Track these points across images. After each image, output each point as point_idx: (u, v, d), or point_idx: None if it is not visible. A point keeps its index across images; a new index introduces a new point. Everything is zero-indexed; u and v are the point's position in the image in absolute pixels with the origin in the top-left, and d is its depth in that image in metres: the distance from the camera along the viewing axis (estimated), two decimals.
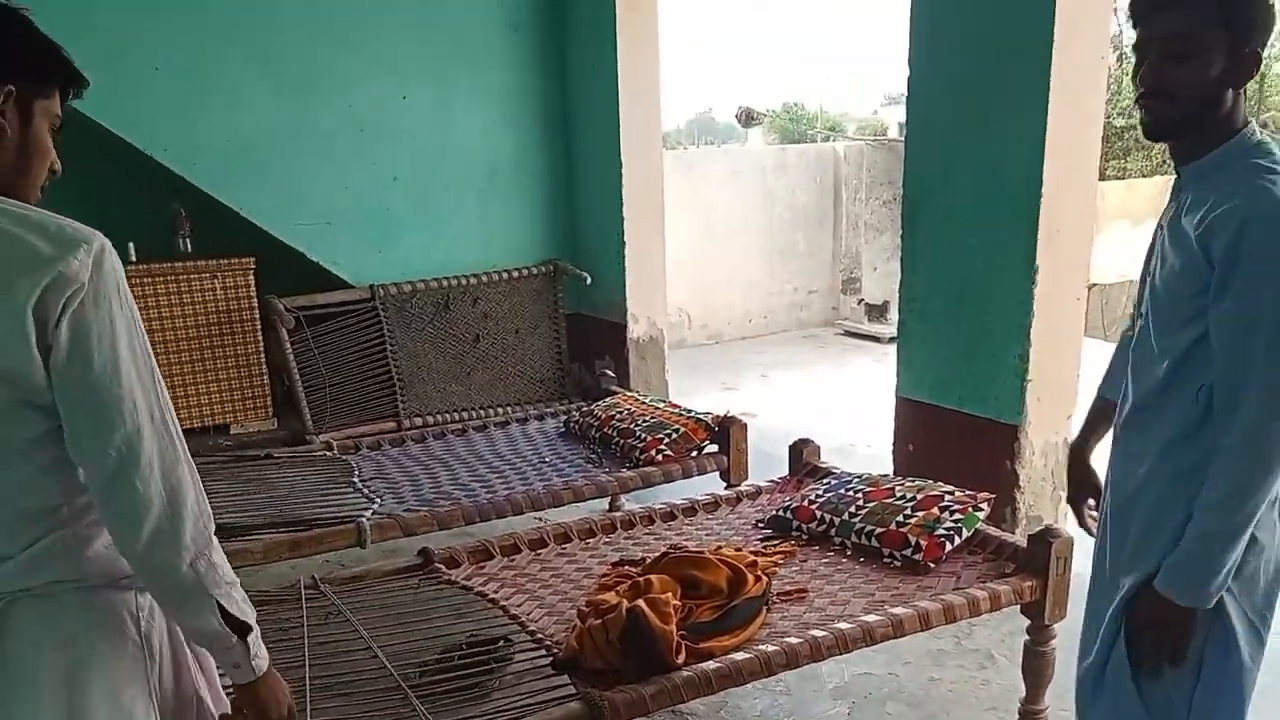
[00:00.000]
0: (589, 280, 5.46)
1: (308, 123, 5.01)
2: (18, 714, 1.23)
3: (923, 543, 2.44)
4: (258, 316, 5.28)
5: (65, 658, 1.25)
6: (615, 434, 3.64)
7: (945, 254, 3.47)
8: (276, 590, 2.55)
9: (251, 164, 4.94)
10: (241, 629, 1.33)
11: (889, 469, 3.85)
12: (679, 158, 8.36)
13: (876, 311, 8.20)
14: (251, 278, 5.21)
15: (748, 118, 8.57)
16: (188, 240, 5.24)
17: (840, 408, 6.04)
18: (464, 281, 5.38)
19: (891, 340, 7.80)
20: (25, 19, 1.33)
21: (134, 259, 5.06)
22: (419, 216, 5.36)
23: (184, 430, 1.41)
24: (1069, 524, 3.45)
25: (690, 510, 3.02)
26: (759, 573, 2.37)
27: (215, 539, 1.34)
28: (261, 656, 1.38)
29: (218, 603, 1.30)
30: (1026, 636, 2.41)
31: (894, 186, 8.67)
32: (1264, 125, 8.36)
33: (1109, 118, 8.15)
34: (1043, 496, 3.41)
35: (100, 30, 4.50)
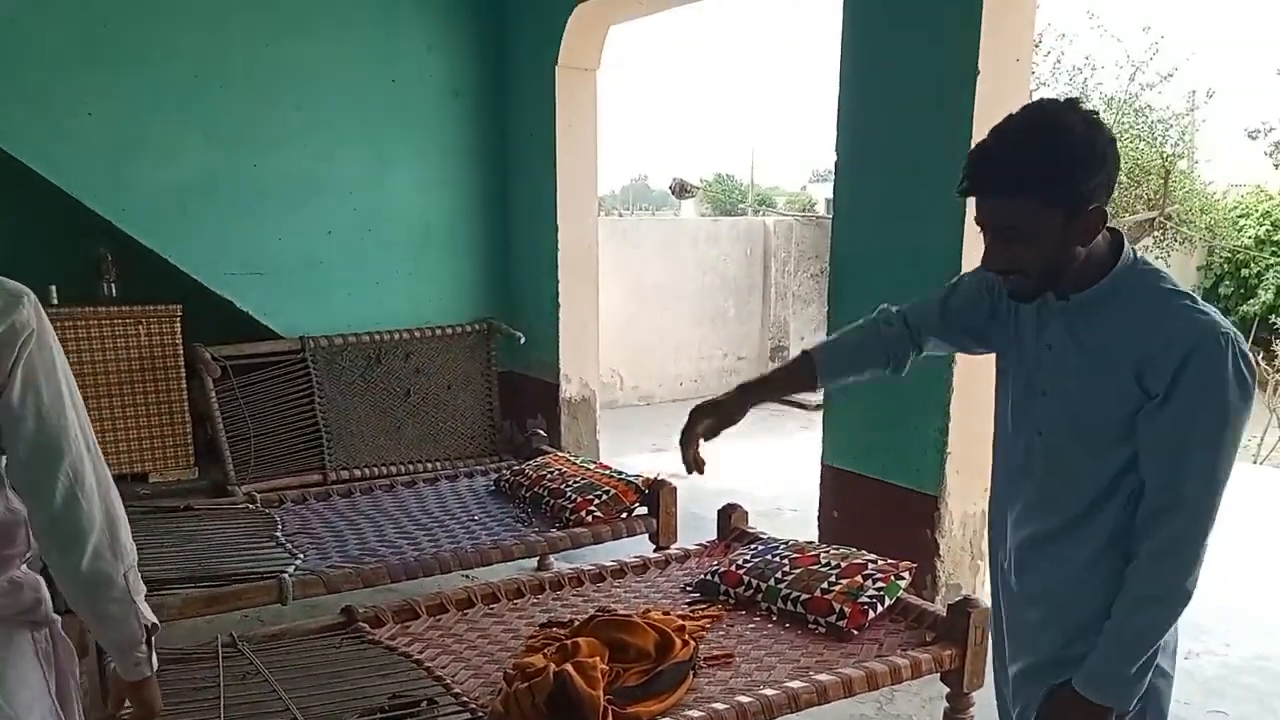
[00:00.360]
0: (522, 340, 5.50)
1: (242, 174, 4.99)
2: None
3: (847, 609, 2.49)
4: (183, 364, 5.18)
5: None
6: (546, 494, 3.65)
7: None
8: (193, 648, 2.48)
9: (182, 212, 4.90)
10: (151, 629, 1.52)
11: (815, 533, 3.93)
12: (614, 224, 8.51)
13: None
14: (178, 325, 5.13)
15: (681, 189, 8.77)
16: (113, 285, 5.14)
17: (768, 472, 6.13)
18: (396, 336, 5.36)
19: (818, 408, 7.95)
20: None
21: (55, 302, 4.95)
22: (353, 270, 5.35)
23: None
24: (985, 594, 3.57)
25: (619, 572, 3.03)
26: (686, 637, 2.39)
27: None
28: (154, 656, 1.56)
29: (139, 608, 1.48)
30: (945, 704, 2.47)
31: (821, 260, 8.94)
32: (1169, 218, 8.85)
33: None
34: (961, 565, 3.50)
35: (34, 72, 4.45)
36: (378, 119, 5.28)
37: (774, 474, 6.07)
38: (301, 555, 3.19)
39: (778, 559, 2.79)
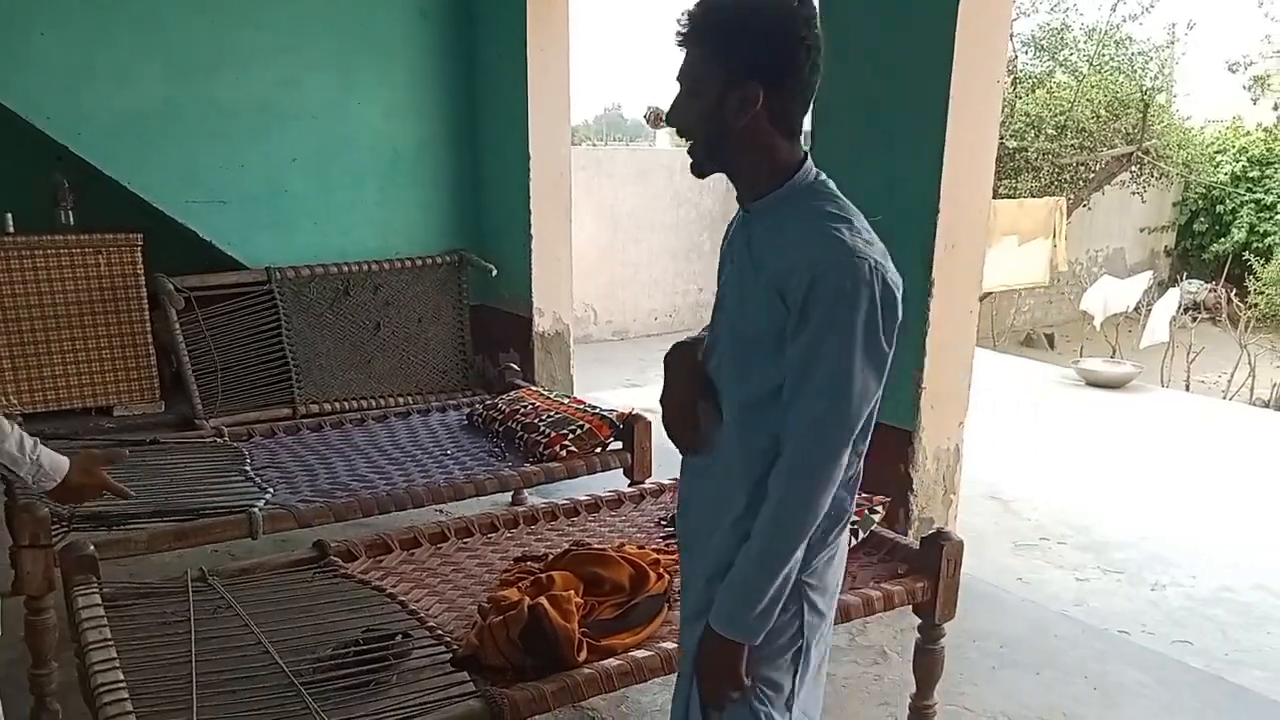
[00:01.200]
0: (494, 272, 5.41)
1: (203, 99, 4.84)
2: None
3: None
4: (145, 295, 5.07)
5: None
6: (519, 428, 3.61)
7: None
8: (162, 582, 2.45)
9: (142, 138, 4.74)
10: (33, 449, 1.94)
11: None
12: (587, 154, 8.36)
13: None
14: (139, 255, 5.01)
15: (656, 118, 8.60)
16: (70, 213, 5.01)
17: None
18: (365, 267, 5.27)
19: None
20: None
21: (11, 230, 4.81)
22: (319, 199, 5.23)
23: (66, 410, 2.69)
24: (959, 527, 3.61)
25: (593, 506, 3.02)
26: (661, 571, 2.39)
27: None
28: (59, 463, 1.98)
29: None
30: (918, 635, 2.49)
31: None
32: (1146, 153, 8.82)
33: (1001, 139, 8.50)
34: (934, 499, 3.53)
35: None
36: (343, 42, 5.11)
37: None
38: (271, 489, 3.14)
39: None
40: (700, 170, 1.52)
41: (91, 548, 2.36)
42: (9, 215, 4.82)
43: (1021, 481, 4.90)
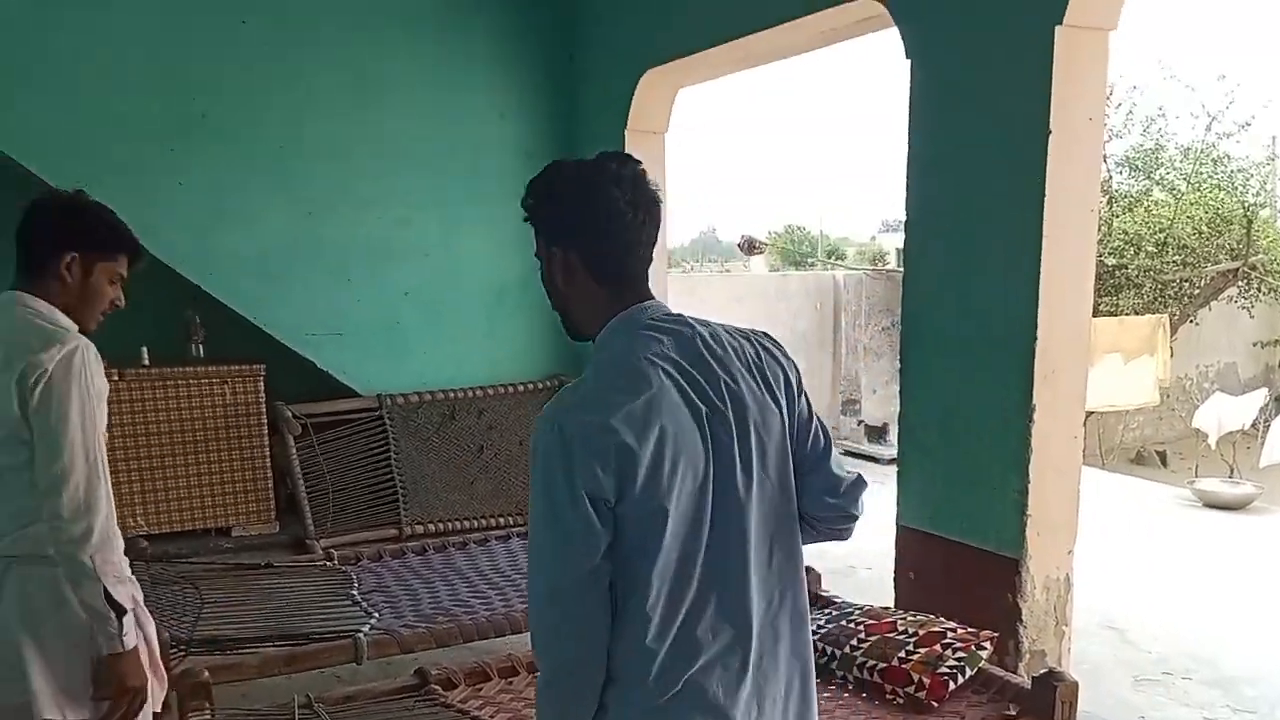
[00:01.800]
0: None
1: (324, 239, 5.17)
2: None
3: (926, 680, 2.43)
4: (265, 422, 5.33)
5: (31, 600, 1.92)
6: None
7: (940, 386, 3.54)
8: (270, 709, 2.53)
9: (265, 275, 5.08)
10: (119, 610, 1.89)
11: (889, 592, 3.85)
12: (682, 280, 8.56)
13: (876, 433, 8.25)
14: (261, 384, 5.29)
15: (750, 246, 8.79)
16: (200, 346, 5.33)
17: None
18: (470, 393, 5.45)
19: (891, 461, 7.83)
20: (97, 207, 2.10)
21: (147, 363, 5.15)
22: (429, 330, 5.47)
23: (188, 531, 2.98)
24: (1072, 659, 3.45)
25: None
26: None
27: (119, 544, 1.94)
28: (130, 636, 1.93)
29: (104, 588, 1.86)
30: None
31: (892, 314, 8.84)
32: (1253, 268, 8.57)
33: (1100, 256, 8.39)
34: (1046, 631, 3.39)
35: (129, 143, 4.69)
36: (453, 183, 5.43)
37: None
38: (376, 614, 3.23)
39: (852, 625, 2.74)
40: (569, 333, 1.54)
41: (206, 674, 2.46)
42: (145, 349, 5.18)
43: (1139, 609, 4.65)
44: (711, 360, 1.43)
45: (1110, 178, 8.75)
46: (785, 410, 1.49)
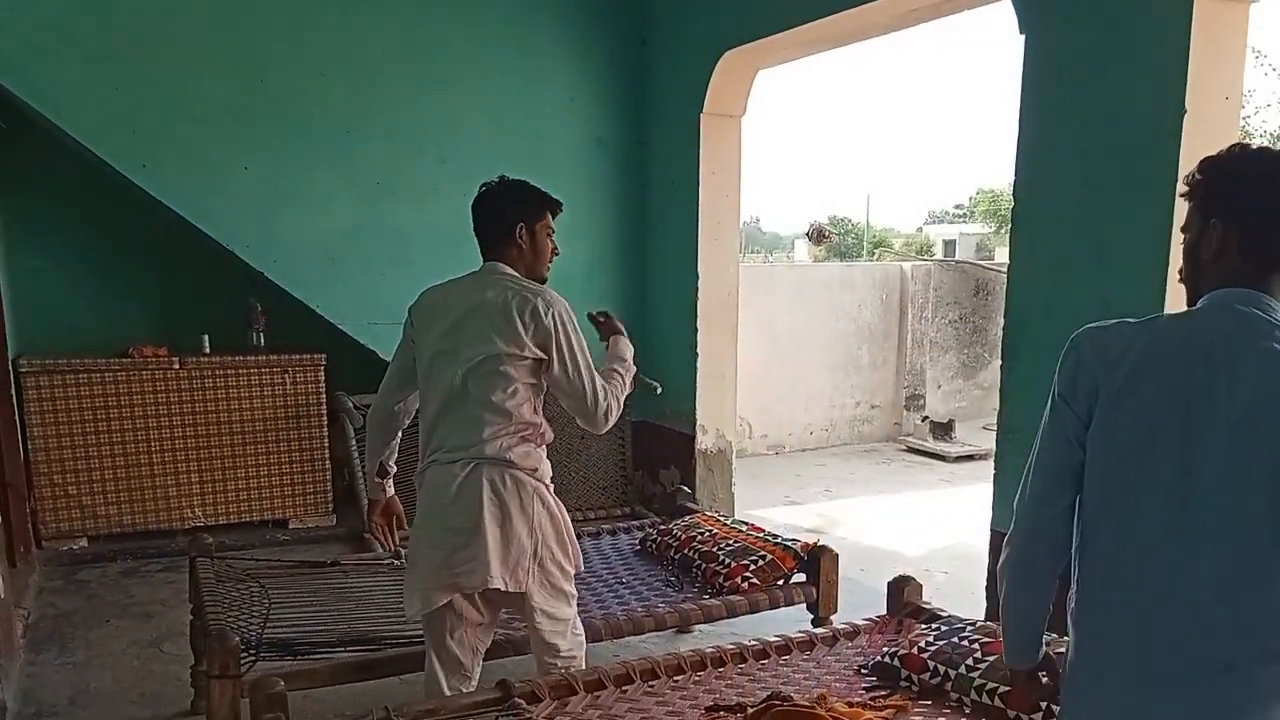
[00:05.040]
0: (659, 389, 5.34)
1: (388, 225, 5.04)
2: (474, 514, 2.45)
3: (1055, 707, 2.22)
4: (325, 412, 5.22)
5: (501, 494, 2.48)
6: (696, 556, 3.46)
7: (1048, 387, 3.30)
8: None
9: (328, 262, 4.96)
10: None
11: (969, 599, 3.64)
12: (746, 270, 8.33)
13: (941, 429, 7.99)
14: (322, 374, 5.19)
15: (819, 235, 8.55)
16: (261, 334, 5.23)
17: (911, 529, 5.81)
18: None
19: (958, 459, 7.60)
20: (518, 183, 2.64)
21: (208, 350, 5.06)
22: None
23: (244, 523, 4.38)
24: None
25: (784, 649, 2.82)
26: None
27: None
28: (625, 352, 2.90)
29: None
30: None
31: (960, 306, 8.56)
32: None
33: None
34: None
35: (192, 126, 4.58)
36: (519, 168, 5.19)
37: (918, 532, 5.74)
38: None
39: (966, 643, 2.53)
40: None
41: (282, 684, 2.32)
42: (205, 336, 5.09)
43: None
44: None
45: None
46: None
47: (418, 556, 2.55)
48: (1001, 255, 16.43)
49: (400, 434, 2.77)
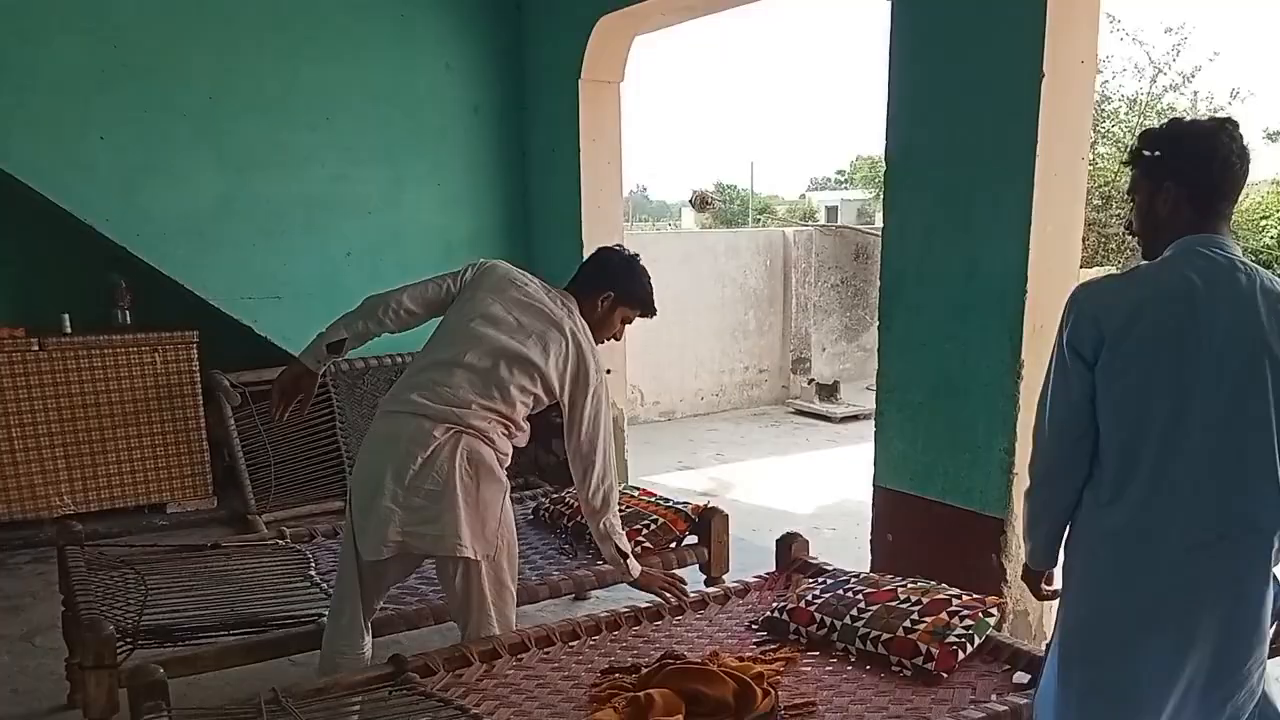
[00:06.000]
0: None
1: (258, 197, 4.87)
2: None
3: (935, 651, 2.33)
4: (200, 392, 5.03)
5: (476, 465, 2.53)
6: None
7: (924, 346, 3.43)
8: (234, 707, 2.30)
9: (198, 236, 4.76)
10: (622, 555, 2.81)
11: (857, 554, 3.77)
12: (632, 238, 8.35)
13: (826, 391, 8.21)
14: (194, 351, 4.99)
15: (702, 201, 8.62)
16: (127, 312, 5.00)
17: (800, 489, 5.97)
18: None
19: (843, 420, 7.83)
20: (643, 275, 2.88)
21: (69, 331, 4.80)
22: (373, 292, 5.19)
23: (119, 509, 3.93)
24: (1050, 623, 3.40)
25: (677, 609, 2.87)
26: (765, 686, 2.23)
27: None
28: (634, 569, 2.85)
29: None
30: None
31: (841, 270, 8.79)
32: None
33: (1106, 224, 8.32)
34: (1029, 592, 3.33)
35: (43, 95, 4.32)
36: (396, 138, 5.14)
37: (808, 491, 5.91)
38: None
39: (851, 594, 2.63)
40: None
41: (161, 671, 2.24)
42: (66, 316, 4.82)
43: None
44: None
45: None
46: None
47: (370, 498, 2.51)
48: (880, 220, 16.93)
49: (374, 334, 2.71)
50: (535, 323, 2.59)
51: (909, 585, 2.62)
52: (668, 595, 2.86)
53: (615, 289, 2.75)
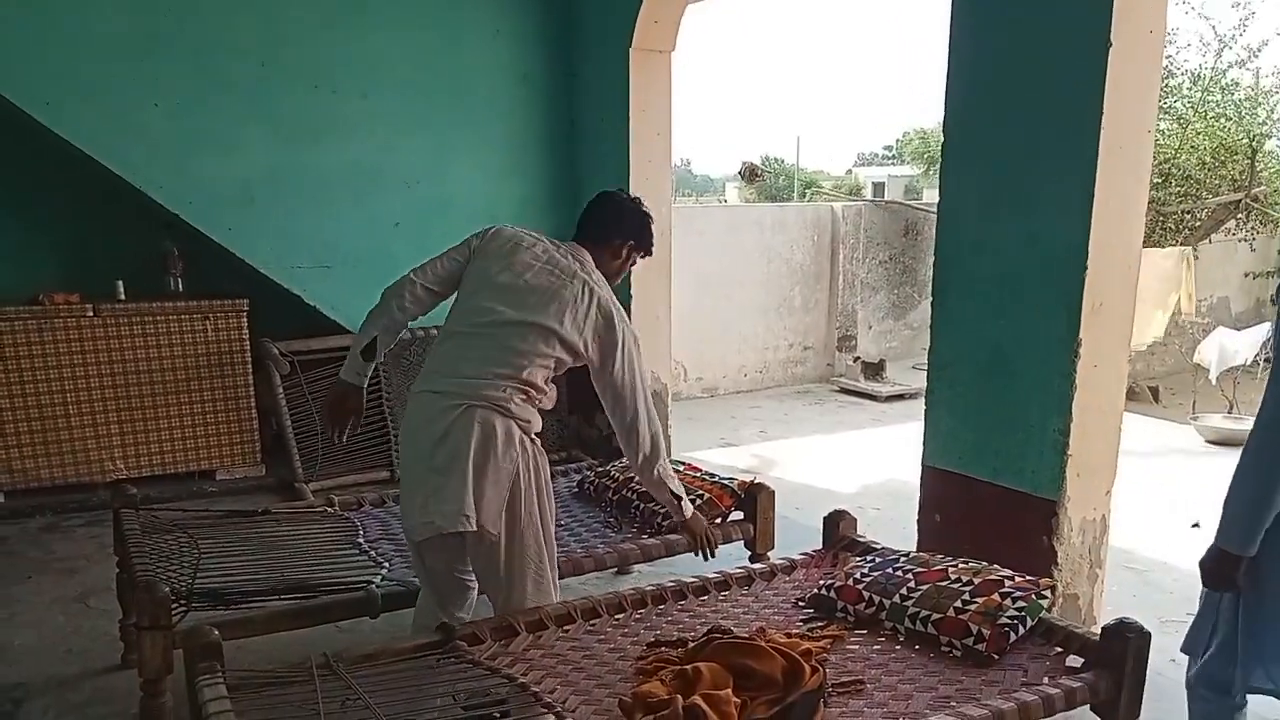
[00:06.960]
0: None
1: (309, 167, 4.89)
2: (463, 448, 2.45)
3: (986, 632, 2.29)
4: (249, 359, 5.09)
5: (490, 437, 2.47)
6: (634, 497, 3.47)
7: (978, 323, 3.37)
8: (286, 670, 2.33)
9: (249, 205, 4.80)
10: (677, 497, 2.88)
11: (903, 533, 3.73)
12: (679, 212, 8.30)
13: (872, 369, 8.12)
14: (245, 319, 5.04)
15: (751, 173, 8.51)
16: (179, 280, 5.06)
17: (845, 468, 5.92)
18: None
19: (889, 399, 7.74)
20: (649, 218, 2.81)
21: (122, 297, 4.88)
22: (421, 262, 5.21)
23: (169, 474, 4.24)
24: (1102, 605, 3.34)
25: (723, 585, 2.85)
26: (814, 663, 2.21)
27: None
28: (687, 510, 2.96)
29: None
30: None
31: (890, 246, 8.66)
32: (1255, 200, 8.43)
33: (1165, 202, 8.08)
34: (1080, 575, 3.28)
35: (97, 63, 4.36)
36: (444, 107, 5.14)
37: (852, 470, 5.85)
38: (387, 564, 3.05)
39: (900, 573, 2.59)
40: None
41: (216, 634, 2.27)
42: (120, 282, 4.90)
43: (1155, 549, 4.58)
44: None
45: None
46: None
47: (406, 483, 2.61)
48: (930, 196, 16.65)
49: (402, 324, 2.72)
50: (547, 284, 2.55)
51: (960, 565, 2.58)
52: (707, 549, 3.01)
53: (636, 237, 2.74)
